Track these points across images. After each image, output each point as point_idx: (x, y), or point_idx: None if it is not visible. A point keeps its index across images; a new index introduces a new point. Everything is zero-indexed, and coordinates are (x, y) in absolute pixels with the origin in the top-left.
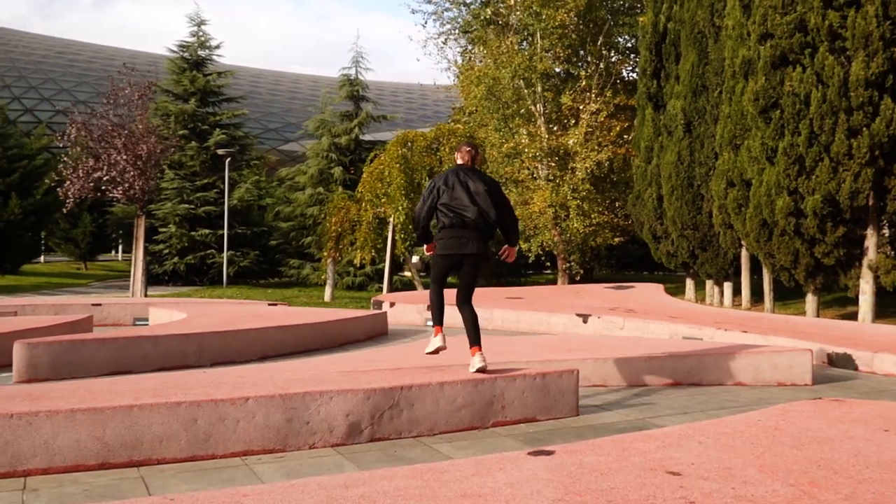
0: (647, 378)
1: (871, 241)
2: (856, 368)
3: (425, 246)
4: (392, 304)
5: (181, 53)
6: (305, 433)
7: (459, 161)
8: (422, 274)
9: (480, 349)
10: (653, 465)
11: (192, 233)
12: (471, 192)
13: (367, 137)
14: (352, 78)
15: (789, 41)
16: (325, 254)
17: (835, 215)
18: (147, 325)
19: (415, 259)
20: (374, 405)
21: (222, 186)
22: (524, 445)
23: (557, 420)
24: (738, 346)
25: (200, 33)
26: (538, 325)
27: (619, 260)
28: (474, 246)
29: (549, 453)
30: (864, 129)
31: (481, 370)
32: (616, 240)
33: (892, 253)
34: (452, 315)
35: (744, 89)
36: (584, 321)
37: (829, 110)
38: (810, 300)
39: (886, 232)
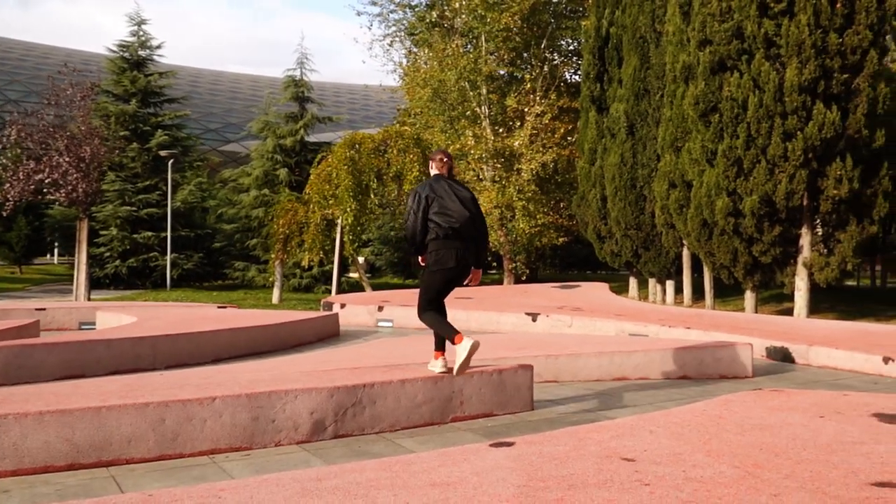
0: (597, 373)
1: (805, 240)
2: (792, 361)
3: (420, 258)
4: (343, 306)
5: (121, 53)
6: (271, 431)
7: (436, 171)
8: (368, 275)
9: (444, 353)
10: (608, 453)
11: (135, 235)
12: (461, 202)
13: (311, 139)
14: (297, 79)
15: (727, 48)
16: (273, 256)
17: (771, 215)
18: (94, 329)
19: (361, 260)
20: (337, 403)
21: (165, 188)
22: (484, 438)
23: (514, 414)
24: (682, 341)
25: (141, 33)
26: (488, 325)
27: (562, 260)
28: (472, 259)
29: (510, 444)
30: (799, 132)
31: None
32: (560, 240)
33: (825, 251)
34: (406, 316)
35: (684, 93)
36: (534, 320)
37: (766, 114)
38: (749, 297)
39: (820, 231)
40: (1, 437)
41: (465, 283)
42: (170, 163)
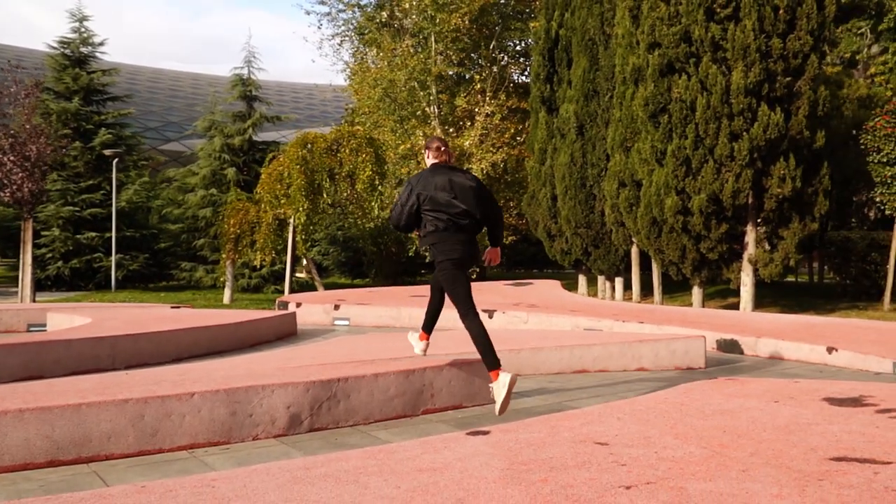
0: (559, 366)
1: (750, 237)
2: (741, 352)
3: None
4: (298, 305)
5: (62, 50)
6: (249, 425)
7: (433, 160)
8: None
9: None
10: (582, 438)
11: (77, 236)
12: (457, 193)
13: (258, 138)
14: (244, 77)
15: (675, 51)
16: (224, 256)
17: (718, 213)
18: (45, 330)
19: (305, 262)
20: (313, 397)
21: (108, 188)
22: (457, 429)
23: (482, 406)
24: (639, 335)
25: (83, 29)
26: (445, 321)
27: (509, 258)
28: (474, 250)
29: (486, 433)
30: (744, 133)
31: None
32: (510, 239)
33: (769, 248)
34: (362, 314)
35: (634, 95)
36: (490, 316)
37: (713, 116)
38: (696, 292)
39: (764, 228)
40: None
41: (485, 264)
42: (114, 162)
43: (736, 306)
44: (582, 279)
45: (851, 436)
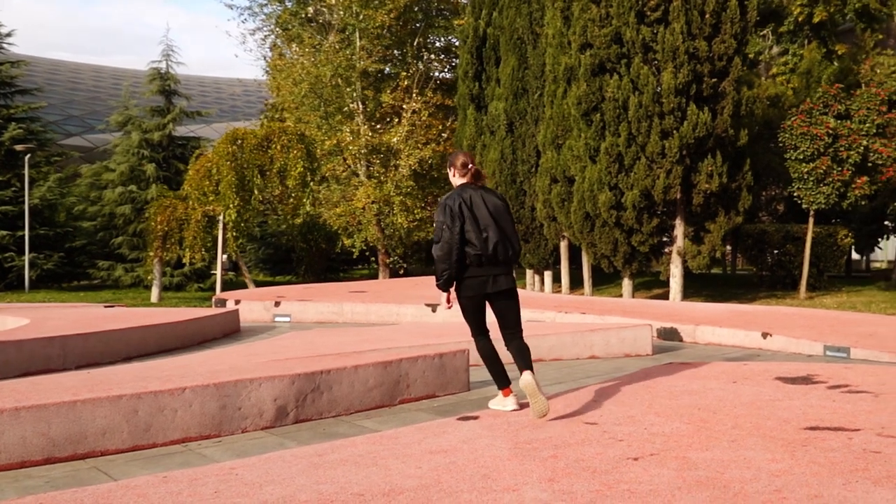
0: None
1: (679, 231)
2: (681, 340)
3: (445, 297)
4: (237, 302)
5: None
6: (238, 418)
7: (462, 179)
8: (232, 273)
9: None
10: (570, 420)
11: None
12: (494, 218)
13: (176, 133)
14: (163, 72)
15: (607, 51)
16: (152, 254)
17: (650, 208)
18: None
19: (224, 258)
20: (298, 389)
21: (19, 185)
22: (437, 416)
23: (454, 395)
24: (590, 325)
25: None
26: (388, 317)
27: (429, 254)
28: (504, 281)
29: (476, 418)
30: (675, 131)
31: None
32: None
33: (697, 240)
34: (304, 310)
35: (565, 93)
36: (433, 310)
37: (645, 115)
38: (626, 284)
39: (692, 222)
40: None
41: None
42: (26, 158)
43: (662, 297)
44: None
45: (814, 409)
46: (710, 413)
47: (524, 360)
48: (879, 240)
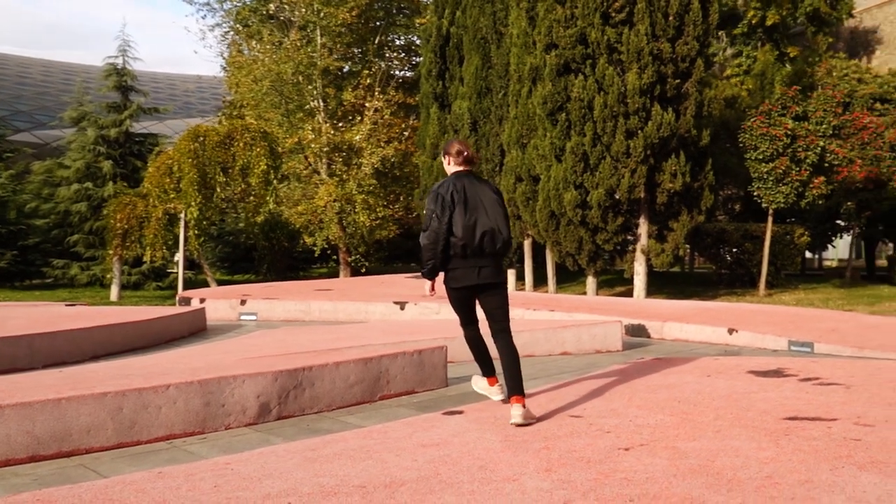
0: (490, 352)
1: (643, 229)
2: (648, 336)
3: (429, 284)
4: (202, 300)
5: None
6: (221, 415)
7: (456, 167)
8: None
9: (523, 399)
10: (555, 414)
11: None
12: (486, 208)
13: (133, 129)
14: (119, 67)
15: (572, 52)
16: (111, 252)
17: (615, 206)
18: None
19: (177, 257)
20: (280, 386)
21: None
22: (419, 412)
23: (433, 391)
24: (562, 321)
25: None
26: (357, 315)
27: (390, 252)
28: (491, 273)
29: (461, 413)
30: (639, 131)
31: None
32: (394, 232)
33: (660, 239)
34: (270, 309)
35: (531, 93)
36: (402, 308)
37: (610, 115)
38: (590, 282)
39: (655, 221)
40: None
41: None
42: None
43: (625, 294)
44: None
45: (790, 401)
46: (690, 405)
47: (514, 379)
48: (833, 238)
